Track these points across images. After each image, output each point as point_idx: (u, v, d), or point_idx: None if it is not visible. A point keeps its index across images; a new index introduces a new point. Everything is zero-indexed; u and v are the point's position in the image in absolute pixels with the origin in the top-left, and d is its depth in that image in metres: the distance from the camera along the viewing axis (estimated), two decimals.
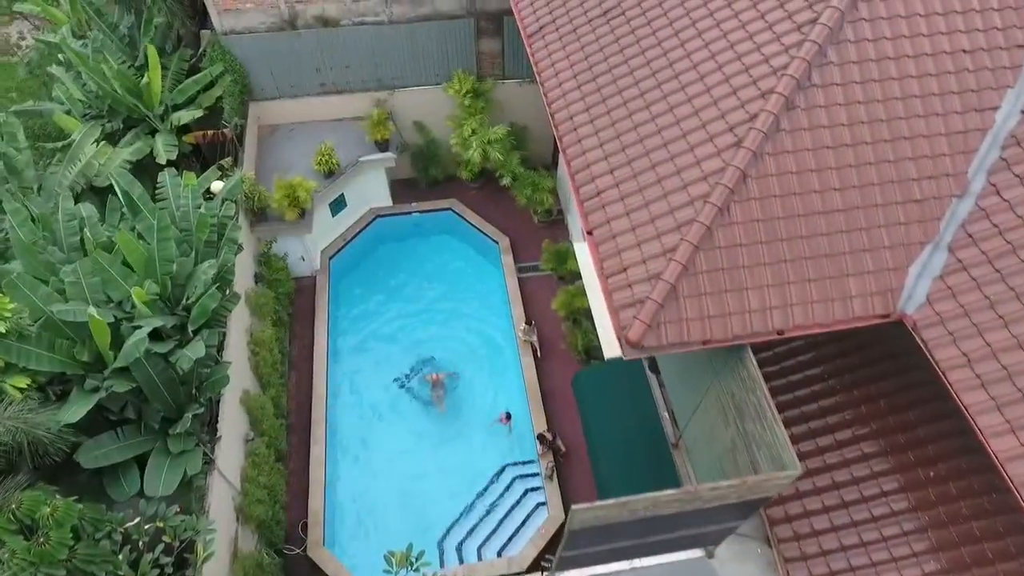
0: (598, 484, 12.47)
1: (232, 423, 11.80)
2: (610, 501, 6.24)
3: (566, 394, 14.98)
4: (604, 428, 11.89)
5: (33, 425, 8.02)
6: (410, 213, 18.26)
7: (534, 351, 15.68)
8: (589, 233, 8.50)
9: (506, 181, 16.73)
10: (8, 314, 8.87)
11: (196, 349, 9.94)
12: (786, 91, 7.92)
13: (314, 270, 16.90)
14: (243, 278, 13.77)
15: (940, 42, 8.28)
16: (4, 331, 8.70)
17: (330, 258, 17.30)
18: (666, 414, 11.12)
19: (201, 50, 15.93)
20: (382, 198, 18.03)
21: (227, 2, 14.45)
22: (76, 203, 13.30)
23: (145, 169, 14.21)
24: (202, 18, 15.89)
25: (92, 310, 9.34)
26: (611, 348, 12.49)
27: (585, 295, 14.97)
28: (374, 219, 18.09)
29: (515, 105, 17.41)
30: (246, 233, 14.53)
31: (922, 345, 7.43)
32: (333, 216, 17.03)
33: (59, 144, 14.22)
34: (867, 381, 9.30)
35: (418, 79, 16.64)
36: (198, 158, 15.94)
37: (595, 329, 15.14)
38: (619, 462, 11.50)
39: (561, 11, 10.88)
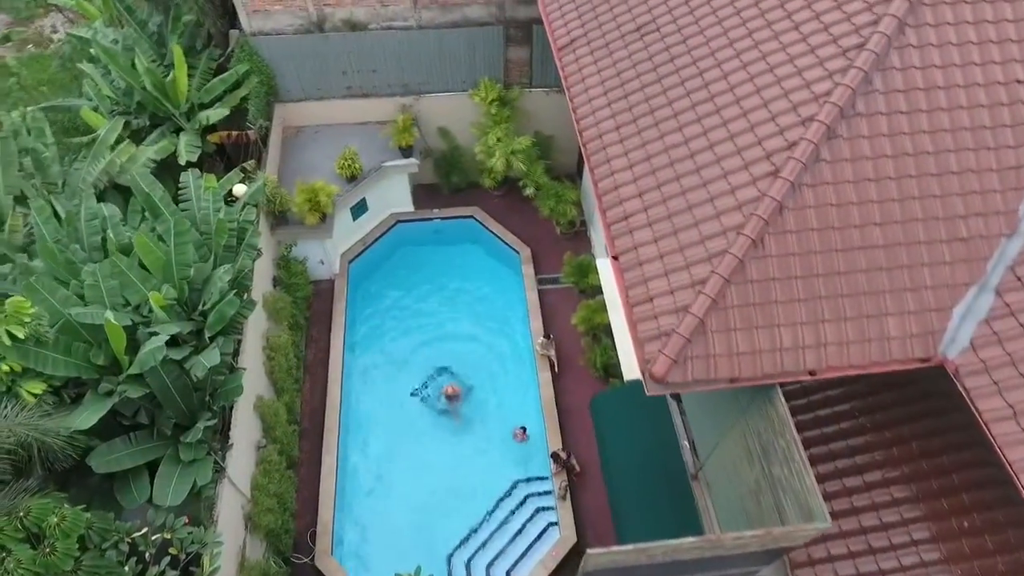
0: (612, 509, 12.18)
1: (244, 429, 11.71)
2: (628, 547, 5.97)
3: (582, 412, 14.69)
4: (621, 453, 11.60)
5: (43, 432, 7.94)
6: (431, 219, 18.09)
7: (551, 366, 15.42)
8: (615, 258, 8.22)
9: (529, 191, 16.49)
10: (28, 319, 8.82)
11: (211, 357, 9.83)
12: (828, 119, 7.57)
13: (333, 273, 16.80)
14: (261, 281, 13.69)
15: (993, 72, 7.87)
16: (23, 337, 8.63)
17: (349, 262, 17.19)
18: (687, 443, 10.80)
19: (229, 50, 15.91)
20: (404, 203, 17.88)
21: (256, 3, 14.38)
22: (100, 201, 13.40)
23: (169, 168, 14.19)
24: (231, 17, 15.86)
25: (109, 314, 9.28)
26: (631, 370, 12.15)
27: (606, 311, 14.69)
28: (395, 224, 17.95)
29: (541, 114, 17.17)
30: (266, 236, 14.46)
31: (964, 393, 7.04)
32: (354, 220, 16.92)
33: (84, 139, 14.27)
34: (900, 422, 8.90)
35: (444, 85, 16.46)
36: (222, 157, 15.95)
37: (615, 346, 14.90)
38: (635, 489, 11.20)
39: (593, 24, 10.60)
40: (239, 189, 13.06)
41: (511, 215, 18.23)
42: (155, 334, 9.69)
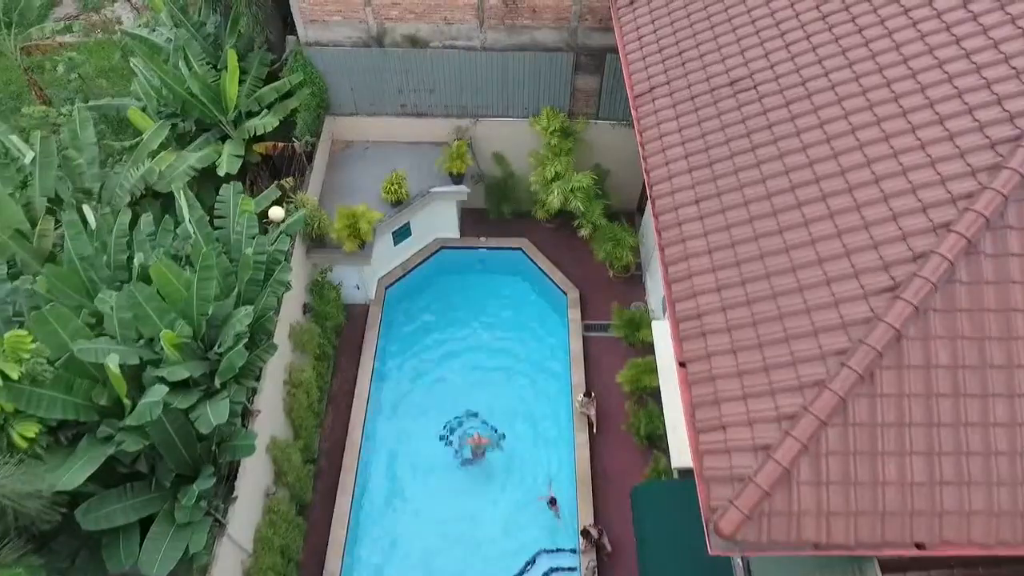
0: None
1: (253, 476, 10.85)
2: None
3: (619, 481, 13.35)
4: (662, 551, 10.24)
5: (21, 497, 7.14)
6: (477, 248, 17.01)
7: (590, 425, 14.13)
8: (681, 365, 6.92)
9: (585, 232, 15.21)
10: (27, 355, 8.09)
11: (219, 411, 8.96)
12: (970, 230, 6.08)
13: (368, 299, 15.89)
14: (290, 308, 12.83)
15: None
16: (17, 377, 7.89)
17: (387, 287, 16.26)
18: (740, 561, 9.37)
19: (284, 57, 15.15)
20: (450, 229, 16.85)
21: (314, 13, 13.53)
22: (136, 208, 12.80)
23: (213, 175, 13.52)
24: (289, 23, 15.09)
25: (112, 358, 8.48)
26: (680, 457, 10.85)
27: (655, 373, 13.33)
28: (439, 250, 16.94)
29: (604, 147, 15.90)
30: (300, 258, 13.62)
31: None
32: (395, 244, 15.97)
33: (126, 144, 13.70)
34: None
35: (504, 110, 15.33)
36: (267, 166, 15.22)
37: (662, 414, 13.52)
38: None
39: (678, 72, 9.26)
40: (276, 213, 12.22)
41: (561, 250, 17.00)
42: (161, 380, 8.87)
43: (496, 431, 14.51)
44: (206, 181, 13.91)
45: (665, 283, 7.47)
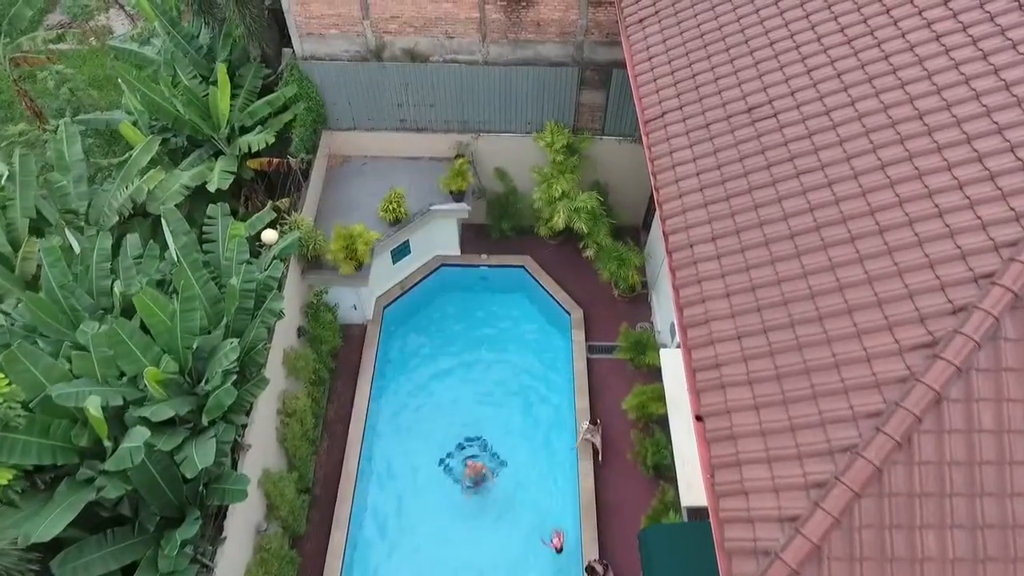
0: None
1: (244, 513, 10.35)
2: None
3: (625, 513, 12.87)
4: None
5: None
6: (479, 266, 16.52)
7: (595, 453, 13.63)
8: (699, 419, 6.42)
9: (590, 252, 14.71)
10: (0, 399, 7.61)
11: (206, 453, 8.47)
12: (1017, 283, 5.59)
13: (365, 319, 15.40)
14: (284, 331, 12.33)
15: None
16: None
17: (385, 306, 15.77)
18: None
19: (280, 69, 14.66)
20: (450, 246, 16.36)
21: (311, 26, 13.04)
22: (126, 226, 12.34)
23: (205, 191, 13.05)
24: (285, 35, 14.61)
25: (93, 400, 7.99)
26: (689, 494, 10.37)
27: (662, 401, 12.85)
28: (438, 267, 16.45)
29: (609, 163, 15.43)
30: (295, 280, 13.12)
31: None
32: (394, 263, 15.48)
33: (115, 160, 13.22)
34: None
35: (506, 125, 14.85)
36: (262, 181, 14.74)
37: (669, 443, 13.03)
38: None
39: (692, 96, 8.77)
40: (269, 236, 11.73)
41: (564, 267, 16.50)
42: (143, 420, 8.38)
43: (497, 457, 14.03)
44: (199, 198, 13.43)
45: (680, 327, 6.98)
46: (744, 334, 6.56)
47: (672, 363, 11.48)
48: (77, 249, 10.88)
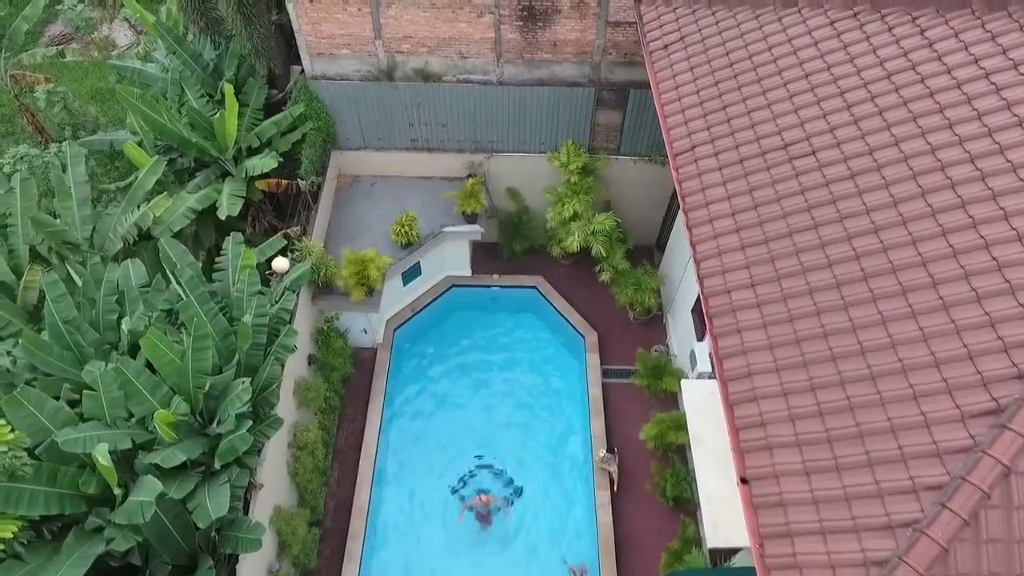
0: None
1: (256, 555, 9.99)
2: None
3: (645, 547, 12.54)
4: None
5: None
6: (490, 287, 16.19)
7: (611, 483, 13.31)
8: (743, 481, 6.10)
9: (606, 276, 14.39)
10: (4, 447, 7.27)
11: (219, 500, 8.14)
12: None
13: (375, 343, 15.07)
14: (295, 360, 11.98)
15: None
16: None
17: (395, 329, 15.44)
18: None
19: (288, 87, 14.33)
20: (461, 266, 16.03)
21: (321, 46, 12.70)
22: (131, 251, 12.00)
23: (212, 212, 12.73)
24: (293, 52, 14.28)
25: (102, 448, 7.65)
26: (716, 536, 10.04)
27: (682, 429, 12.55)
28: (449, 288, 16.12)
29: (624, 183, 15.11)
30: (306, 305, 12.78)
31: None
32: (405, 285, 15.16)
33: (120, 184, 12.87)
34: None
35: (520, 145, 14.52)
36: (270, 201, 14.42)
37: (689, 475, 12.74)
38: None
39: (723, 129, 8.45)
40: (280, 264, 11.39)
41: (578, 288, 16.19)
42: (155, 468, 8.04)
43: (511, 483, 13.70)
44: (205, 219, 13.12)
45: (721, 381, 6.66)
46: (790, 391, 6.24)
47: (694, 395, 11.15)
48: (79, 282, 10.52)
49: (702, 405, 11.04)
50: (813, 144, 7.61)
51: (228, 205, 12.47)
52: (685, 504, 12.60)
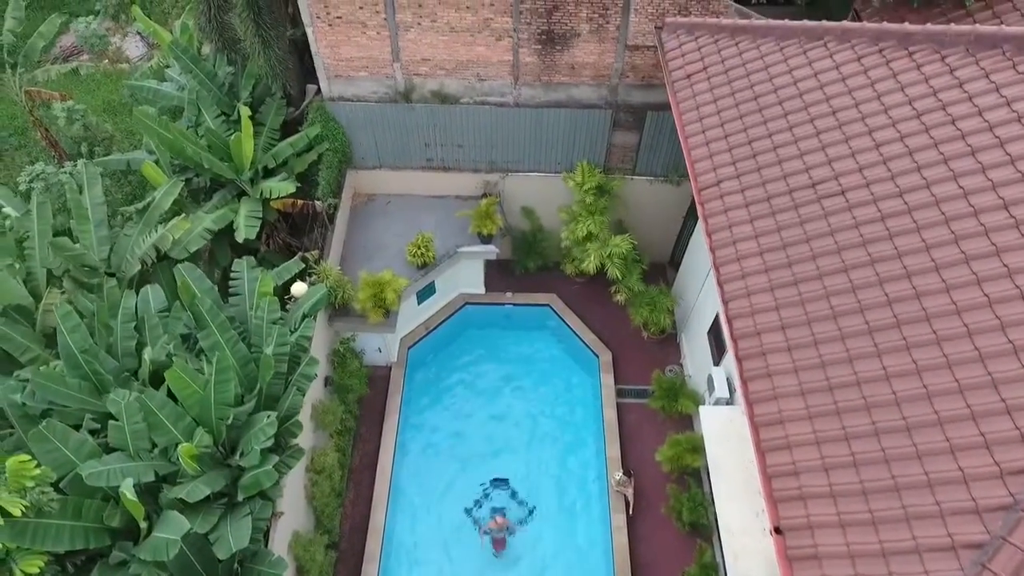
0: None
1: None
2: None
3: (660, 570, 12.53)
4: None
5: None
6: (504, 304, 16.18)
7: (627, 505, 13.29)
8: (777, 531, 6.08)
9: (621, 297, 14.37)
10: (31, 483, 7.27)
11: (241, 533, 8.15)
12: None
13: (389, 361, 15.05)
14: (313, 385, 11.93)
15: None
16: (19, 514, 7.06)
17: (409, 348, 15.43)
18: None
19: (304, 105, 14.33)
20: (475, 284, 16.02)
21: (339, 69, 12.69)
22: (147, 272, 12.01)
23: (228, 231, 12.75)
24: (304, 67, 14.28)
25: (128, 484, 7.65)
26: (737, 565, 10.02)
27: (698, 452, 12.53)
28: (463, 306, 16.11)
29: (639, 203, 15.11)
30: (322, 326, 12.77)
31: None
32: (419, 303, 15.15)
33: (138, 206, 12.86)
34: None
35: (536, 165, 14.51)
36: (286, 220, 14.41)
37: (704, 496, 12.71)
38: None
39: (749, 164, 8.43)
40: (299, 289, 11.39)
41: (591, 306, 16.16)
42: (179, 504, 8.04)
43: (525, 504, 13.68)
44: (221, 238, 13.13)
45: (752, 426, 6.63)
46: (823, 440, 6.22)
47: (713, 422, 11.16)
48: (95, 310, 10.49)
49: (721, 433, 11.03)
50: (842, 184, 7.58)
51: (245, 228, 12.48)
52: (702, 529, 12.58)
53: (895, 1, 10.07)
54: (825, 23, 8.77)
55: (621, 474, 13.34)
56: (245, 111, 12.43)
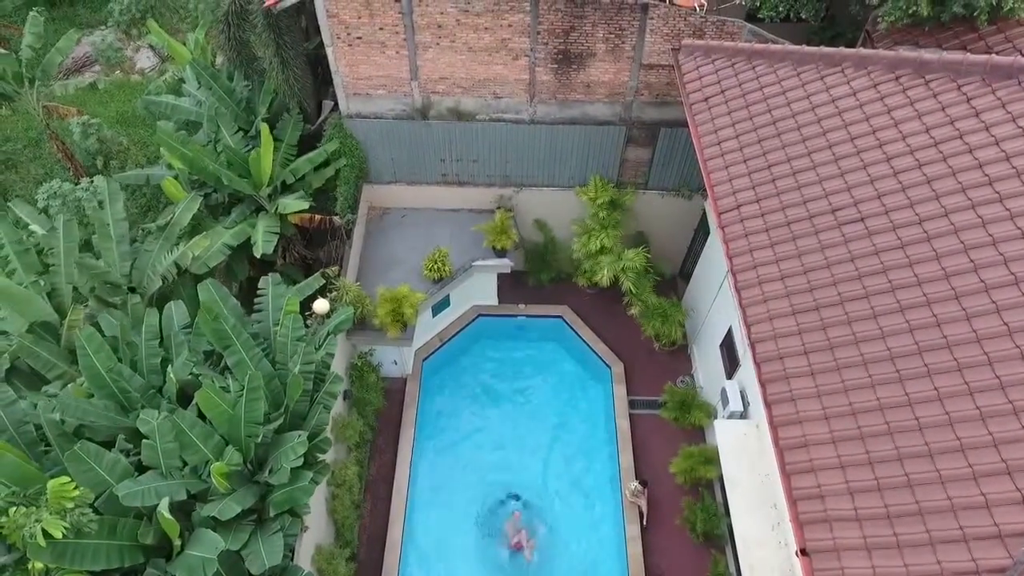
0: None
1: None
2: None
3: None
4: None
5: None
6: (516, 316, 16.36)
7: (641, 516, 13.47)
8: (803, 553, 6.27)
9: (635, 311, 14.56)
10: (71, 504, 7.45)
11: (273, 550, 8.33)
12: None
13: (405, 373, 15.23)
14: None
15: None
16: (61, 536, 7.24)
17: (423, 360, 15.61)
18: None
19: (320, 121, 14.53)
20: (488, 296, 16.18)
21: (358, 87, 12.88)
22: (167, 287, 12.18)
23: (246, 245, 12.94)
24: (319, 81, 14.48)
25: (164, 503, 7.84)
26: None
27: (713, 464, 12.72)
28: (476, 317, 16.30)
29: (650, 216, 15.34)
30: (341, 342, 12.91)
31: None
32: (433, 316, 15.33)
33: (160, 223, 13.03)
34: None
35: (549, 180, 14.71)
36: (303, 234, 14.58)
37: (719, 509, 12.89)
38: None
39: (768, 189, 8.62)
40: (320, 306, 11.57)
41: (603, 317, 16.37)
42: (211, 521, 8.22)
43: (539, 515, 13.85)
44: (238, 252, 13.31)
45: (777, 448, 6.82)
46: (848, 464, 6.41)
47: (727, 436, 11.33)
48: (116, 331, 10.66)
49: (737, 447, 11.22)
50: (861, 210, 7.78)
51: (263, 243, 12.67)
52: (716, 540, 12.77)
53: (907, 23, 10.24)
54: (843, 50, 8.97)
55: (636, 484, 13.51)
56: (265, 128, 12.61)
